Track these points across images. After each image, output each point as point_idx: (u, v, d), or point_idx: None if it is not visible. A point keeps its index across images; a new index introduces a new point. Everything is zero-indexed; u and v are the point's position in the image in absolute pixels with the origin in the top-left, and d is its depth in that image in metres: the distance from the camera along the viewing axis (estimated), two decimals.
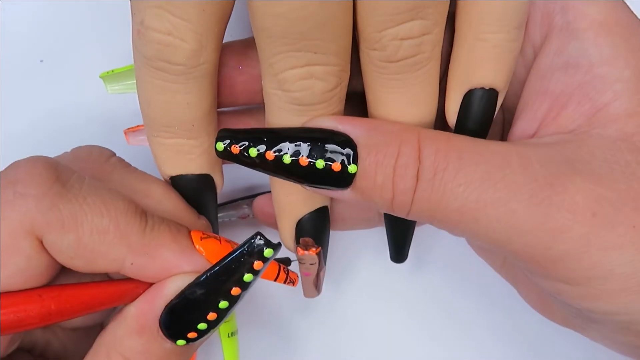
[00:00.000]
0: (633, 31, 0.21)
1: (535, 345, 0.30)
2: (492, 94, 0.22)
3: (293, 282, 0.24)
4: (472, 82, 0.22)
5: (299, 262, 0.25)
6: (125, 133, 0.26)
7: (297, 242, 0.25)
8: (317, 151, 0.20)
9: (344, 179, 0.20)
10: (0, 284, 0.19)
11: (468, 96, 0.22)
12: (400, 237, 0.26)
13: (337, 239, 0.30)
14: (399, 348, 0.30)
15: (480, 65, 0.21)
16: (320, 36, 0.19)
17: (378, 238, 0.30)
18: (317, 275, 0.26)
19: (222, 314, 0.21)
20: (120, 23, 0.28)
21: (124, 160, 0.24)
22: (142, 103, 0.22)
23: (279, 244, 0.20)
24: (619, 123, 0.20)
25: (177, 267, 0.21)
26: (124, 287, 0.21)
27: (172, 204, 0.23)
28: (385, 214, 0.26)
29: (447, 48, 0.22)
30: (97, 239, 0.20)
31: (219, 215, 0.28)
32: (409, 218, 0.21)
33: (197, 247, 0.21)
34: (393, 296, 0.31)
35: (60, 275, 0.21)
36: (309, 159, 0.20)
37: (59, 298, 0.20)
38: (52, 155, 0.24)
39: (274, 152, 0.20)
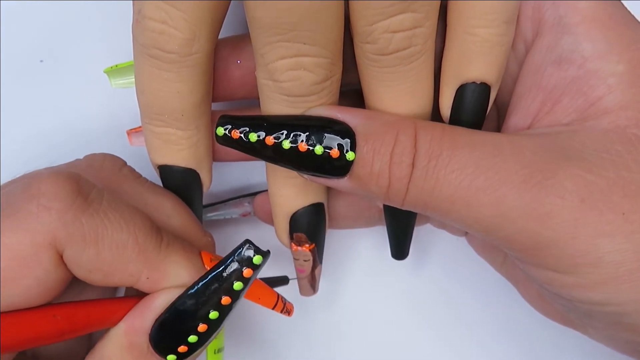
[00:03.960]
0: (626, 25, 0.21)
1: (534, 342, 0.30)
2: (484, 88, 0.22)
3: (289, 312, 0.24)
4: (463, 76, 0.22)
5: (293, 258, 0.25)
6: (128, 134, 0.26)
7: (291, 237, 0.25)
8: (316, 138, 0.20)
9: (341, 167, 0.21)
10: (17, 295, 0.19)
11: (460, 91, 0.22)
12: (400, 233, 0.26)
13: (336, 236, 0.30)
14: (400, 347, 0.31)
15: (471, 60, 0.21)
16: (310, 27, 0.19)
17: (377, 236, 0.30)
18: (312, 273, 0.26)
19: (213, 325, 0.21)
20: (121, 23, 0.28)
21: (134, 170, 0.24)
22: (137, 90, 0.23)
23: (268, 252, 0.20)
24: (612, 116, 0.21)
25: (190, 284, 0.21)
26: (135, 303, 0.21)
27: (180, 219, 0.23)
28: (385, 210, 0.26)
29: (442, 43, 0.22)
30: (116, 254, 0.20)
31: (220, 212, 0.29)
32: (403, 207, 0.21)
33: (206, 268, 0.21)
34: (393, 294, 0.31)
35: (69, 286, 0.21)
36: (308, 145, 0.20)
37: (72, 318, 0.20)
38: (51, 154, 0.24)
39: (274, 137, 0.20)
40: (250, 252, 0.20)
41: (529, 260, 0.21)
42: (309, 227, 0.25)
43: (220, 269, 0.20)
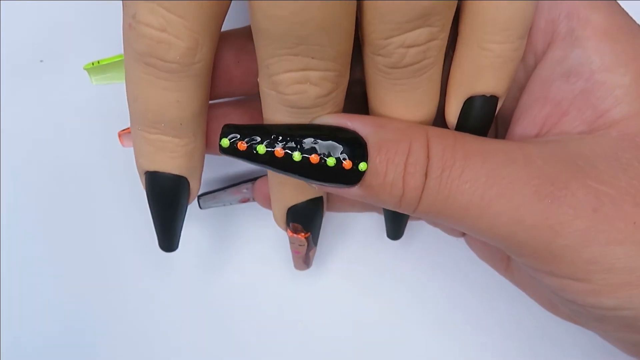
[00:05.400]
0: (633, 36, 0.21)
1: (535, 341, 0.31)
2: (492, 100, 0.22)
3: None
4: (473, 89, 0.22)
5: (290, 242, 0.26)
6: (119, 135, 0.25)
7: (288, 225, 0.25)
8: (327, 149, 0.20)
9: (353, 177, 0.20)
10: None
11: (469, 102, 0.22)
12: (396, 216, 0.26)
13: (331, 217, 0.31)
14: (400, 346, 0.31)
15: (483, 74, 0.21)
16: (320, 41, 0.18)
17: (372, 217, 0.30)
18: (307, 254, 0.27)
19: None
20: (120, 23, 0.28)
21: None
22: (129, 96, 0.21)
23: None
24: (620, 125, 0.21)
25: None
26: None
27: None
28: None
29: (449, 50, 0.22)
30: None
31: (219, 200, 0.28)
32: (414, 215, 0.21)
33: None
34: (393, 292, 0.31)
35: None
36: (320, 157, 0.20)
37: None
38: (51, 153, 0.23)
39: (284, 149, 0.20)
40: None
41: (541, 268, 0.21)
42: (306, 219, 0.25)
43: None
